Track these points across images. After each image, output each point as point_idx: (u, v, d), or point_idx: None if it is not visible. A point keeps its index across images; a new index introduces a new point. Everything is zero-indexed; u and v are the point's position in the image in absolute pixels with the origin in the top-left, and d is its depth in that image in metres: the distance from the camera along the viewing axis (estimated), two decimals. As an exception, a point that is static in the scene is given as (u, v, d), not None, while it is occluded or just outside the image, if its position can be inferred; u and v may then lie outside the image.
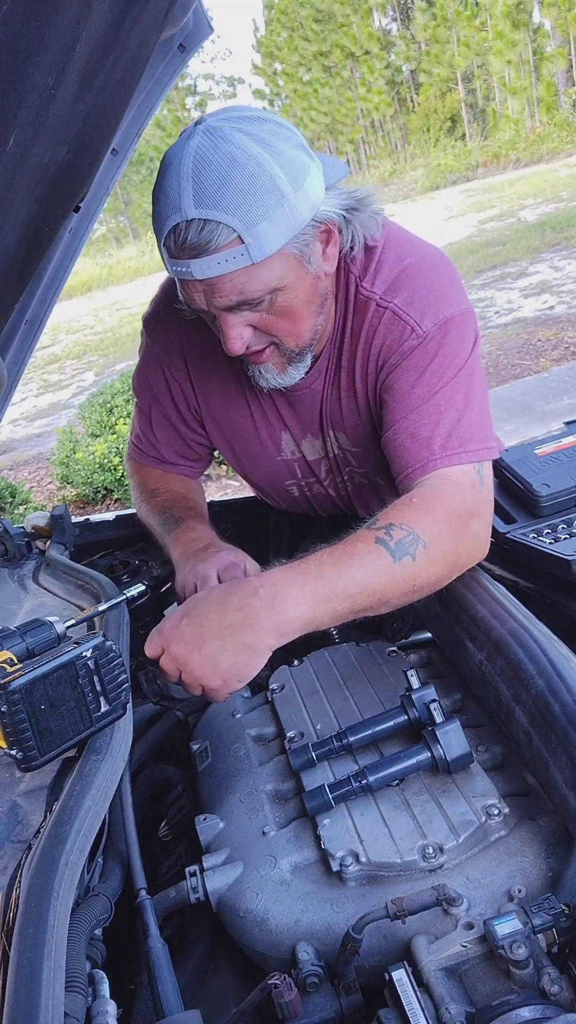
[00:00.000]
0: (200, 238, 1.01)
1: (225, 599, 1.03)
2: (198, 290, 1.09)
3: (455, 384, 1.17)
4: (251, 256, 1.04)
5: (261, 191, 1.01)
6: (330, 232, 1.13)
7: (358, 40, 27.74)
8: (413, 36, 27.51)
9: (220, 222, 1.01)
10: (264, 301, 1.10)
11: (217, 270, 1.04)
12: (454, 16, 24.07)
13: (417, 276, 1.20)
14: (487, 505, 1.17)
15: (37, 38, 0.74)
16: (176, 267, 1.07)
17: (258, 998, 0.78)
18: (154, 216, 1.07)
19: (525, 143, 20.85)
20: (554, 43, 22.77)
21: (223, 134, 1.01)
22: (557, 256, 9.74)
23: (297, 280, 1.11)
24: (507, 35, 21.88)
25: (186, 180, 1.00)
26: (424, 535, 1.08)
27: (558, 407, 5.36)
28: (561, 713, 0.87)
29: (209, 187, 1.00)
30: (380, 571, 1.05)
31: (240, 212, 1.01)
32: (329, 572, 1.03)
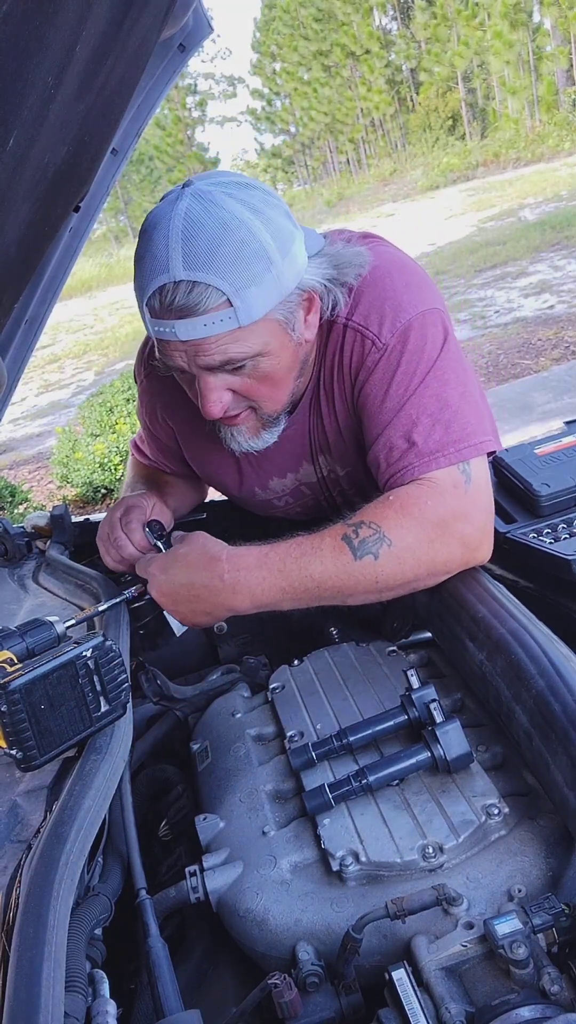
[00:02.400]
0: (188, 300, 1.02)
1: (196, 571, 1.15)
2: (180, 350, 1.09)
3: (423, 389, 1.16)
4: (239, 320, 1.05)
5: (251, 256, 1.02)
6: (312, 300, 1.15)
7: (358, 39, 27.72)
8: (413, 35, 27.50)
9: (210, 284, 1.01)
10: (246, 365, 1.11)
11: (203, 332, 1.05)
12: (454, 15, 24.05)
13: (370, 287, 1.20)
14: (476, 505, 1.15)
15: (37, 38, 0.74)
16: (159, 327, 1.07)
17: (258, 998, 0.78)
18: (137, 276, 1.07)
19: (525, 142, 20.85)
20: (554, 42, 22.76)
21: (213, 198, 1.02)
22: (557, 255, 9.74)
23: (280, 347, 1.13)
24: (506, 35, 21.87)
25: (175, 241, 1.01)
26: (391, 535, 1.09)
27: (558, 407, 5.36)
28: (561, 713, 0.87)
29: (199, 250, 1.00)
30: (339, 569, 1.09)
31: (230, 276, 1.02)
32: (291, 566, 1.11)
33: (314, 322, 1.18)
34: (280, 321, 1.10)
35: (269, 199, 1.07)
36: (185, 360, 1.10)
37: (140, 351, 1.49)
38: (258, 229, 1.03)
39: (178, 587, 1.15)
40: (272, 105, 33.99)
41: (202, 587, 1.13)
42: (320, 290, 1.16)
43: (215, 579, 1.12)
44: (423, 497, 1.12)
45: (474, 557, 1.16)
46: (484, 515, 1.16)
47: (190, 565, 1.15)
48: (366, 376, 1.20)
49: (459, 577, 1.17)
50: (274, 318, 1.09)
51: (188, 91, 30.43)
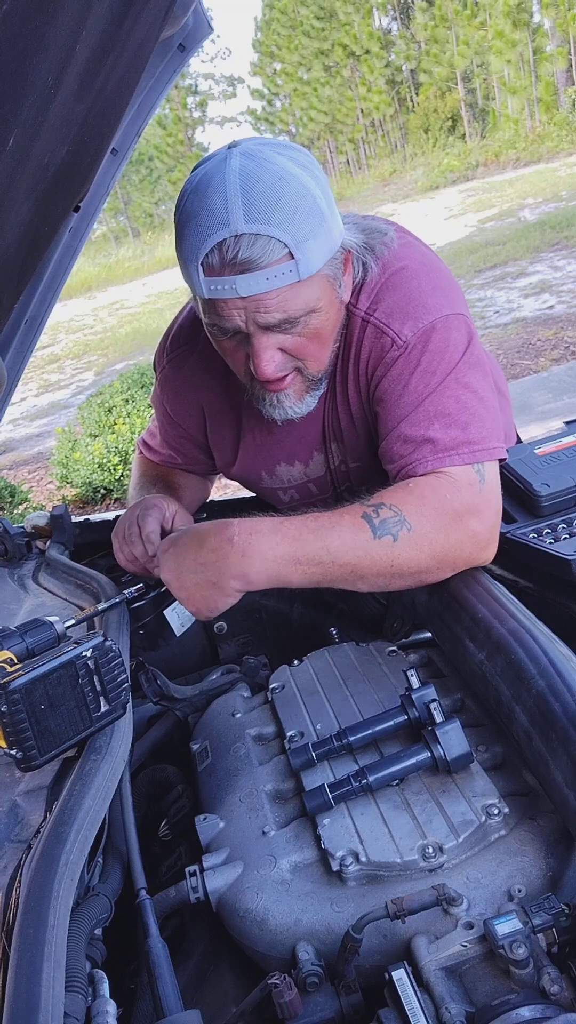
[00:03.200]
0: (251, 252, 1.02)
1: (204, 538, 1.12)
2: (238, 307, 1.08)
3: (444, 389, 1.16)
4: (299, 272, 1.05)
5: (308, 209, 1.03)
6: (348, 261, 1.16)
7: (359, 39, 27.74)
8: (413, 35, 27.51)
9: (272, 236, 1.01)
10: (300, 322, 1.11)
11: (266, 286, 1.04)
12: (454, 16, 24.06)
13: (397, 286, 1.20)
14: (489, 505, 1.16)
15: (37, 38, 0.74)
16: (217, 285, 1.06)
17: (258, 998, 0.78)
18: (188, 235, 1.05)
19: (525, 143, 20.85)
20: (554, 43, 22.77)
21: (264, 155, 1.03)
22: (557, 256, 9.74)
23: (329, 303, 1.13)
24: (507, 35, 21.88)
25: (234, 196, 1.00)
26: (411, 519, 1.09)
27: (558, 407, 5.36)
28: (562, 713, 0.87)
29: (260, 202, 1.00)
30: (357, 545, 1.08)
31: (291, 228, 1.02)
32: (307, 536, 1.09)
33: (348, 283, 1.18)
34: (329, 277, 1.11)
35: (311, 159, 1.08)
36: (243, 318, 1.09)
37: (162, 341, 1.47)
38: (311, 184, 1.04)
39: (185, 558, 1.12)
40: (272, 105, 34.00)
41: (210, 552, 1.10)
42: (356, 251, 1.17)
43: (224, 542, 1.09)
44: (442, 488, 1.12)
45: (480, 556, 1.17)
46: (495, 516, 1.17)
47: (199, 533, 1.13)
48: (383, 372, 1.20)
49: (459, 577, 1.17)
50: (325, 273, 1.10)
51: (189, 91, 30.45)
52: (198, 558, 1.11)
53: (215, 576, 1.09)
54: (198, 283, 1.08)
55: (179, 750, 1.29)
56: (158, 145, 30.74)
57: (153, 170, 32.03)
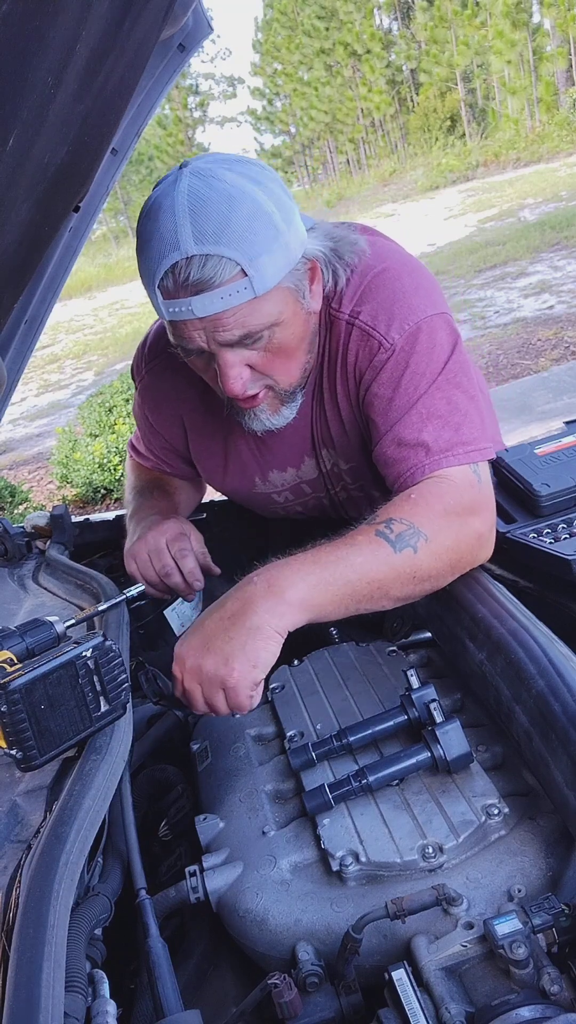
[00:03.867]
0: (203, 274, 1.01)
1: (224, 598, 1.05)
2: (197, 328, 1.08)
3: (434, 391, 1.16)
4: (254, 289, 1.04)
5: (259, 226, 1.02)
6: (315, 269, 1.15)
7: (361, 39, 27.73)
8: (413, 35, 27.51)
9: (223, 256, 1.01)
10: (263, 338, 1.11)
11: (221, 305, 1.04)
12: (453, 16, 24.06)
13: (380, 288, 1.20)
14: (488, 503, 1.17)
15: (37, 38, 0.74)
16: (174, 307, 1.06)
17: (258, 998, 0.78)
18: (144, 260, 1.06)
19: (525, 143, 20.85)
20: (554, 43, 22.77)
21: (214, 173, 1.03)
22: (557, 256, 9.74)
23: (293, 315, 1.13)
24: (507, 35, 21.88)
25: (183, 218, 1.00)
26: (425, 528, 1.08)
27: (558, 407, 5.36)
28: (561, 713, 0.87)
29: (209, 223, 1.00)
30: (380, 561, 1.06)
31: (242, 246, 1.01)
32: (326, 558, 1.05)
33: (318, 292, 1.18)
34: (291, 289, 1.11)
35: (266, 172, 1.08)
36: (203, 339, 1.09)
37: (139, 349, 1.48)
38: (262, 199, 1.03)
39: (208, 625, 1.03)
40: (272, 105, 34.01)
41: (235, 601, 1.02)
42: (322, 260, 1.16)
43: (246, 586, 1.03)
44: (444, 492, 1.12)
45: (483, 555, 1.17)
46: (492, 514, 1.18)
47: (215, 604, 1.06)
48: (373, 376, 1.19)
49: (459, 577, 1.17)
50: (285, 287, 1.09)
51: (189, 91, 30.45)
52: (223, 614, 1.02)
53: (249, 619, 0.99)
54: (158, 306, 1.09)
55: (179, 750, 1.29)
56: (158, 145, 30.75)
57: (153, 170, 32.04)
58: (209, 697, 1.01)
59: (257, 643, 0.99)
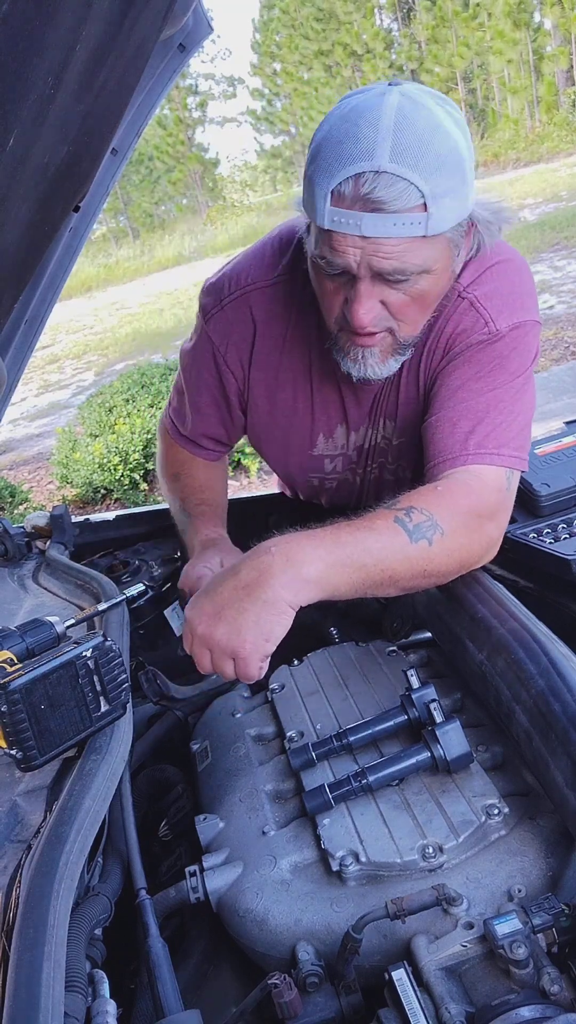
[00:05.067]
0: (387, 193, 0.98)
1: (239, 565, 1.02)
2: (356, 246, 1.03)
3: (508, 388, 1.16)
4: (427, 227, 1.01)
5: (453, 166, 1.00)
6: (470, 233, 1.13)
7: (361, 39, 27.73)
8: (414, 35, 27.51)
9: (412, 183, 0.98)
10: (409, 280, 1.07)
11: (391, 231, 1.00)
12: (454, 15, 24.06)
13: (503, 276, 1.20)
14: (506, 511, 1.17)
15: (37, 38, 0.74)
16: (341, 217, 1.01)
17: (258, 998, 0.78)
18: (325, 159, 1.01)
19: (525, 143, 20.85)
20: (554, 43, 22.77)
21: (423, 101, 1.00)
22: (557, 256, 9.74)
23: (443, 269, 1.10)
24: (507, 34, 21.88)
25: (386, 131, 0.97)
26: (443, 523, 1.07)
27: (558, 407, 5.36)
28: (561, 713, 0.87)
29: (410, 145, 0.97)
30: (395, 548, 1.04)
31: (433, 180, 0.98)
32: (346, 538, 1.02)
33: (463, 256, 1.15)
34: (451, 242, 1.08)
35: (463, 121, 1.05)
36: (357, 259, 1.04)
37: (213, 284, 1.38)
38: (460, 142, 1.01)
39: (222, 592, 1.00)
40: (272, 105, 34.01)
41: (250, 571, 0.99)
42: (480, 225, 1.14)
43: (263, 555, 1.00)
44: (471, 492, 1.12)
45: (487, 559, 1.17)
46: (506, 522, 1.18)
47: (228, 568, 1.04)
48: (463, 350, 1.19)
49: (459, 577, 1.17)
50: (449, 237, 1.06)
51: (189, 91, 30.45)
52: (238, 583, 0.99)
53: (264, 592, 0.97)
54: (321, 211, 1.03)
55: (179, 750, 1.29)
56: (158, 145, 30.73)
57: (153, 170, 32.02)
58: (218, 663, 1.00)
59: (271, 617, 0.97)
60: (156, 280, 19.51)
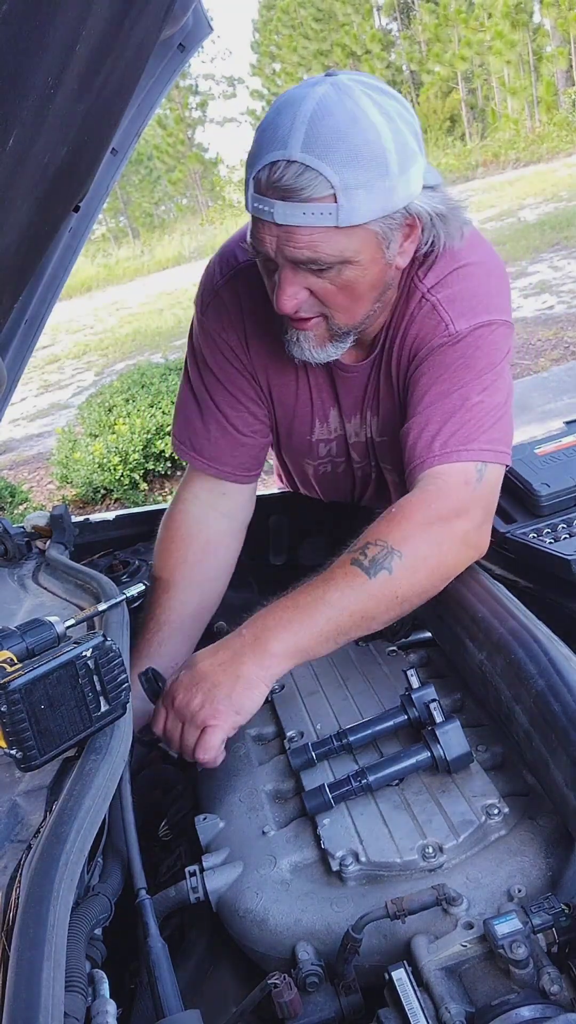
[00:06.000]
0: (296, 182, 1.00)
1: (218, 645, 1.11)
2: (272, 234, 1.05)
3: (476, 384, 1.16)
4: (338, 218, 1.02)
5: (370, 159, 1.00)
6: (414, 227, 1.12)
7: (360, 39, 27.73)
8: (414, 36, 27.51)
9: (321, 173, 0.99)
10: (332, 269, 1.08)
11: (300, 220, 1.02)
12: (454, 16, 24.06)
13: (468, 277, 1.19)
14: (480, 503, 1.16)
15: (37, 38, 0.74)
16: (259, 204, 1.04)
17: (258, 998, 0.78)
18: (253, 146, 1.04)
19: (525, 143, 20.84)
20: (554, 43, 22.77)
21: (351, 92, 1.00)
22: (557, 256, 9.74)
23: (370, 260, 1.09)
24: (507, 35, 21.88)
25: (301, 121, 0.98)
26: (399, 546, 1.09)
27: (558, 407, 5.36)
28: (561, 713, 0.87)
29: (321, 136, 0.98)
30: (356, 590, 1.08)
31: (344, 171, 0.99)
32: (306, 601, 1.09)
33: (409, 250, 1.15)
34: (377, 234, 1.07)
35: (404, 113, 1.05)
36: (273, 247, 1.07)
37: (210, 270, 1.38)
38: (385, 135, 1.00)
39: (200, 669, 1.08)
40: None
41: (225, 651, 1.09)
42: (425, 220, 1.13)
43: (235, 638, 1.10)
44: (429, 498, 1.13)
45: (468, 556, 1.17)
46: (483, 513, 1.17)
47: (206, 649, 1.12)
48: (427, 354, 1.20)
49: (458, 577, 1.17)
50: (373, 229, 1.06)
51: (190, 91, 30.44)
52: (215, 662, 1.08)
53: (237, 668, 1.06)
54: (248, 195, 1.07)
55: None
56: (158, 145, 30.72)
57: (153, 170, 32.02)
58: (188, 736, 1.06)
59: (243, 691, 1.06)
60: (156, 280, 19.50)
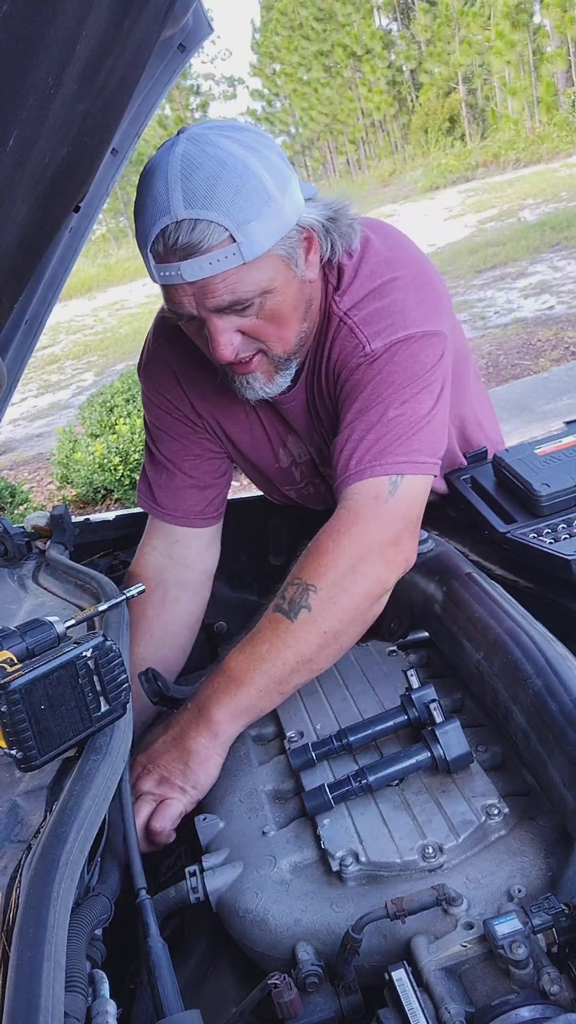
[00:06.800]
0: (191, 238, 1.01)
1: (165, 724, 1.15)
2: (187, 294, 1.07)
3: (393, 399, 1.16)
4: (243, 255, 1.04)
5: (250, 191, 1.02)
6: (311, 239, 1.15)
7: (360, 40, 27.74)
8: (414, 36, 27.51)
9: (212, 221, 1.01)
10: (254, 304, 1.10)
11: (209, 270, 1.04)
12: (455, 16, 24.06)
13: (383, 295, 1.19)
14: (395, 516, 1.14)
15: (37, 38, 0.74)
16: (165, 271, 1.06)
17: (258, 998, 0.78)
18: (138, 226, 1.06)
19: (525, 143, 20.84)
20: (554, 44, 22.77)
21: (208, 139, 1.02)
22: (557, 256, 9.74)
23: (285, 283, 1.12)
24: (507, 35, 21.88)
25: (174, 183, 1.00)
26: (313, 581, 1.10)
27: (558, 407, 5.36)
28: (559, 712, 0.87)
29: (199, 187, 1.00)
30: (283, 637, 1.09)
31: (231, 211, 1.01)
32: (239, 661, 1.11)
33: (314, 261, 1.16)
34: (283, 257, 1.09)
35: (263, 139, 1.07)
36: (193, 304, 1.08)
37: (146, 339, 1.43)
38: (255, 164, 1.02)
39: (155, 747, 1.12)
40: (272, 106, 34.02)
41: (174, 727, 1.12)
42: (319, 229, 1.15)
43: (182, 713, 1.13)
44: (338, 526, 1.13)
45: (398, 568, 1.16)
46: (401, 525, 1.16)
47: (161, 728, 1.15)
48: (347, 376, 1.20)
49: (456, 577, 1.17)
50: (277, 254, 1.08)
51: (190, 92, 30.45)
52: (167, 739, 1.12)
53: (186, 743, 1.09)
54: (151, 270, 1.08)
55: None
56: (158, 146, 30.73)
57: (153, 170, 31.96)
58: (143, 814, 1.06)
59: (197, 767, 1.08)
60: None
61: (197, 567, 1.47)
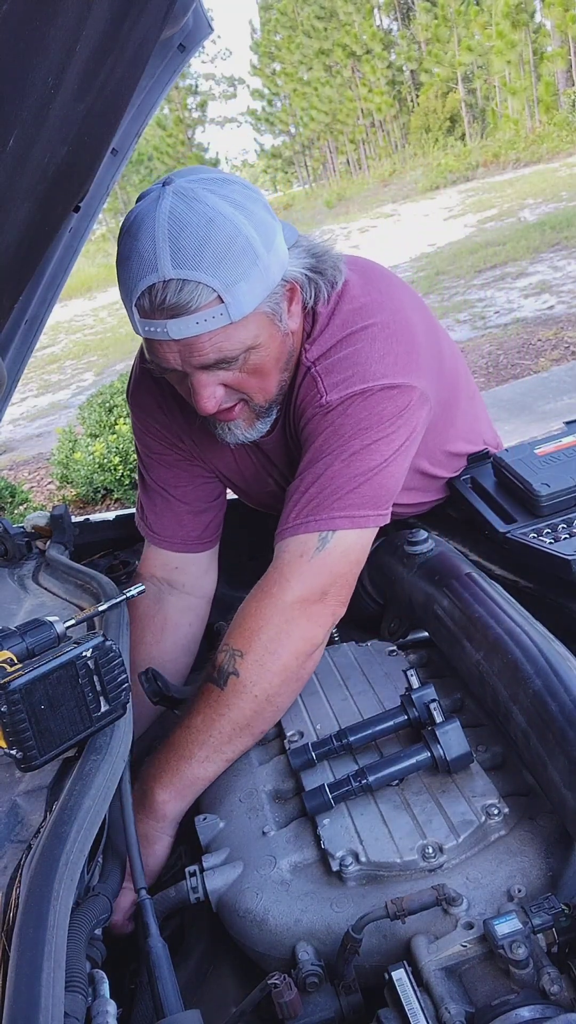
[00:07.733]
0: (179, 298, 1.01)
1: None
2: (173, 351, 1.08)
3: (339, 452, 1.15)
4: (230, 316, 1.04)
5: (238, 252, 1.02)
6: (294, 290, 1.15)
7: (360, 39, 27.74)
8: (414, 36, 27.52)
9: (200, 282, 1.01)
10: (238, 360, 1.11)
11: (196, 330, 1.04)
12: (455, 16, 24.06)
13: (350, 344, 1.18)
14: (321, 573, 1.14)
15: (37, 38, 0.74)
16: (150, 327, 1.06)
17: (258, 998, 0.78)
18: (123, 277, 1.06)
19: (525, 143, 20.84)
20: (554, 43, 22.77)
21: (196, 195, 1.02)
22: (557, 256, 9.74)
23: (269, 338, 1.12)
24: (507, 35, 21.88)
25: (162, 240, 1.00)
26: (240, 646, 1.11)
27: (558, 407, 5.36)
28: (558, 712, 0.87)
29: (188, 248, 1.00)
30: (214, 706, 1.10)
31: (219, 273, 1.01)
32: (177, 737, 1.11)
33: (297, 312, 1.17)
34: (268, 314, 1.10)
35: (249, 193, 1.07)
36: (179, 360, 1.09)
37: (131, 373, 1.44)
38: (243, 224, 1.02)
39: None
40: (272, 106, 34.02)
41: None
42: (302, 280, 1.16)
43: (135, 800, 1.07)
44: (263, 586, 1.14)
45: (325, 624, 1.15)
46: (327, 581, 1.14)
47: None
48: (304, 424, 1.21)
49: (455, 577, 1.17)
50: (263, 311, 1.09)
51: (189, 91, 30.45)
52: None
53: (142, 831, 1.06)
54: (134, 322, 1.08)
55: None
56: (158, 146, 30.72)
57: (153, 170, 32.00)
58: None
59: (145, 851, 1.05)
60: (156, 280, 19.46)
61: (196, 592, 1.47)
